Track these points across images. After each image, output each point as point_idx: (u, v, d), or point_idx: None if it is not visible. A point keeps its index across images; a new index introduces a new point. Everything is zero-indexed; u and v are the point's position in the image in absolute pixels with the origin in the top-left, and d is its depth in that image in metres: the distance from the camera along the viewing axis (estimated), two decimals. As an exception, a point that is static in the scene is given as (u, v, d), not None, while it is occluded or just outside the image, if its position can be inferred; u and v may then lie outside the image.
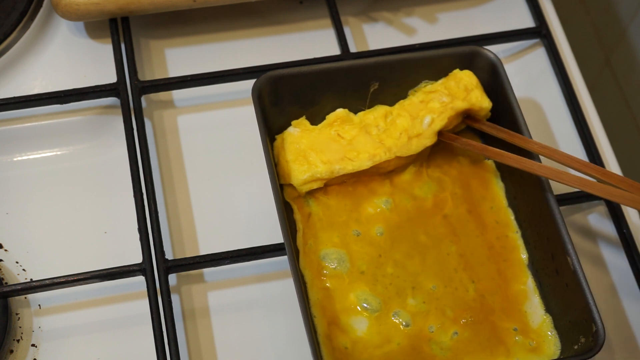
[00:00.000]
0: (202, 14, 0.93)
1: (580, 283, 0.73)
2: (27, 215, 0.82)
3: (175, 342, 0.74)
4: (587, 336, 0.72)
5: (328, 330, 0.73)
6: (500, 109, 0.81)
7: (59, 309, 0.78)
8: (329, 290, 0.75)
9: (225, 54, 0.91)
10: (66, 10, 0.87)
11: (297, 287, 0.70)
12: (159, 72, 0.90)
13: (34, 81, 0.88)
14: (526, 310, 0.76)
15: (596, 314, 0.71)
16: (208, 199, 0.83)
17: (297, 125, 0.80)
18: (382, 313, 0.75)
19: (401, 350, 0.73)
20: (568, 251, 0.74)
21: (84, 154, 0.85)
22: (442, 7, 0.96)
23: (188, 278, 0.80)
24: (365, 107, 0.83)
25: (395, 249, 0.77)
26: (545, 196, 0.76)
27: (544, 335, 0.75)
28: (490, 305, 0.76)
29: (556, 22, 0.96)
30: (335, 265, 0.76)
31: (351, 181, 0.80)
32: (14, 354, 0.75)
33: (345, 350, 0.73)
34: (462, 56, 0.82)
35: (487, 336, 0.75)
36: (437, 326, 0.74)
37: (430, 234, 0.79)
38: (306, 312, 0.69)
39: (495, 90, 0.82)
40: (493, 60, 0.82)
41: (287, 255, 0.72)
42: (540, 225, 0.77)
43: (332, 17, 0.92)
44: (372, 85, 0.82)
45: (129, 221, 0.80)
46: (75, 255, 0.80)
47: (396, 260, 0.77)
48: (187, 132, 0.87)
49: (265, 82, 0.79)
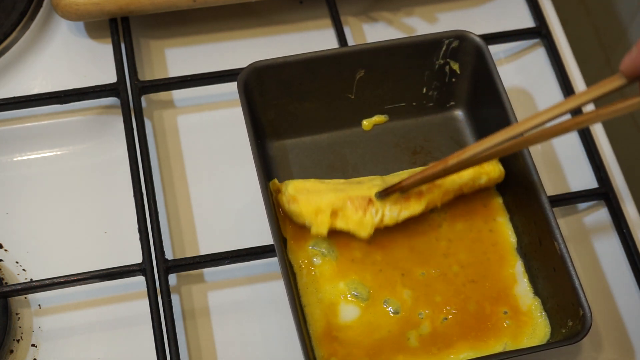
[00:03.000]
0: (202, 14, 0.93)
1: (567, 267, 0.74)
2: (27, 215, 0.82)
3: (175, 342, 0.74)
4: (574, 320, 0.72)
5: (320, 322, 0.73)
6: (486, 93, 0.82)
7: (59, 309, 0.78)
8: (319, 278, 0.75)
9: (225, 54, 0.91)
10: (66, 10, 0.87)
11: (284, 273, 0.71)
12: (159, 72, 0.90)
13: (34, 81, 0.88)
14: (516, 293, 0.77)
15: (583, 297, 0.72)
16: (208, 199, 0.83)
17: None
18: (372, 302, 0.75)
19: (391, 337, 0.74)
20: (555, 236, 0.74)
21: (84, 154, 0.85)
22: (442, 7, 0.96)
23: (188, 278, 0.80)
24: (352, 94, 0.83)
25: (384, 236, 0.77)
26: (532, 180, 0.76)
27: (534, 319, 0.76)
28: (480, 289, 0.76)
29: (556, 22, 0.96)
30: (325, 252, 0.76)
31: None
32: (14, 354, 0.75)
33: (335, 338, 0.73)
34: (448, 40, 0.82)
35: (477, 320, 0.75)
36: (427, 312, 0.75)
37: (418, 220, 0.78)
38: (294, 300, 0.70)
39: (481, 73, 0.82)
40: (479, 44, 0.82)
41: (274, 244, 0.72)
42: (527, 210, 0.78)
43: (332, 17, 0.92)
44: (358, 72, 0.82)
45: (129, 221, 0.80)
46: (75, 255, 0.80)
47: (385, 247, 0.77)
48: (187, 132, 0.87)
49: (251, 73, 0.79)
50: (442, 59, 0.83)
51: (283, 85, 0.81)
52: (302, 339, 0.69)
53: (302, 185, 0.77)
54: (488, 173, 0.79)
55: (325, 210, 0.75)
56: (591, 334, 0.80)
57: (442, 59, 0.83)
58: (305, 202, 0.76)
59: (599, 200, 0.86)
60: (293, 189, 0.76)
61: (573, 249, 0.82)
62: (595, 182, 0.87)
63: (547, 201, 0.76)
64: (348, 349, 0.73)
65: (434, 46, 0.83)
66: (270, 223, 0.73)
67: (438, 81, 0.85)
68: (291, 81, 0.81)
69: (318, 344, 0.72)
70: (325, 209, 0.75)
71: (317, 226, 0.75)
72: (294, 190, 0.76)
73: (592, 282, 0.82)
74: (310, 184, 0.77)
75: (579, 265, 0.82)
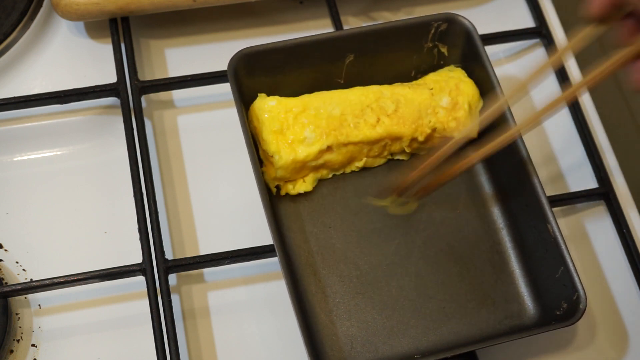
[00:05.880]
0: (202, 14, 0.93)
1: (560, 250, 0.75)
2: (27, 215, 0.82)
3: (175, 342, 0.74)
4: (569, 302, 0.73)
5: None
6: (475, 76, 0.83)
7: (59, 309, 0.78)
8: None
9: (225, 54, 0.91)
10: (66, 10, 0.87)
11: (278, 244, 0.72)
12: (159, 72, 0.90)
13: (34, 81, 0.88)
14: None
15: (577, 279, 0.73)
16: (208, 199, 0.83)
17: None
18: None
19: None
20: (548, 219, 0.75)
21: (84, 154, 0.85)
22: (442, 7, 0.96)
23: (188, 278, 0.80)
24: (342, 79, 0.83)
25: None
26: (525, 166, 0.77)
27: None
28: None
29: (556, 22, 0.96)
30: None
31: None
32: (14, 354, 0.75)
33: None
34: (436, 23, 0.82)
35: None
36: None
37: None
38: (296, 299, 0.71)
39: (470, 57, 0.83)
40: (467, 27, 0.82)
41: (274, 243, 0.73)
42: (520, 192, 0.78)
43: (332, 17, 0.92)
44: (347, 57, 0.82)
45: (129, 221, 0.80)
46: (75, 255, 0.80)
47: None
48: (187, 132, 0.87)
49: (240, 59, 0.79)
50: (430, 42, 0.84)
51: (273, 71, 0.81)
52: (306, 339, 0.69)
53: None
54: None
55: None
56: (590, 331, 0.80)
57: (431, 42, 0.84)
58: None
59: (599, 200, 0.86)
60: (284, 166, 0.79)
61: (573, 249, 0.82)
62: (595, 182, 0.87)
63: (539, 184, 0.76)
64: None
65: (422, 29, 0.83)
66: (269, 222, 0.73)
67: (426, 64, 0.85)
68: (281, 67, 0.81)
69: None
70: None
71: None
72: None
73: (592, 282, 0.82)
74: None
75: (579, 265, 0.82)
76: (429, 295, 0.78)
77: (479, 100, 0.83)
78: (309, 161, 0.79)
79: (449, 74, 0.83)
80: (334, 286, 0.78)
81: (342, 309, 0.77)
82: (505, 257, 0.80)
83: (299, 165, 0.79)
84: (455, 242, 0.80)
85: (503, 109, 0.77)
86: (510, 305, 0.78)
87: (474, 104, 0.82)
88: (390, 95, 0.81)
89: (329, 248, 0.79)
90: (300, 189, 0.80)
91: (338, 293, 0.77)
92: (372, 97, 0.81)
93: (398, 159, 0.83)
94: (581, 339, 0.80)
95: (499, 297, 0.78)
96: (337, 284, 0.78)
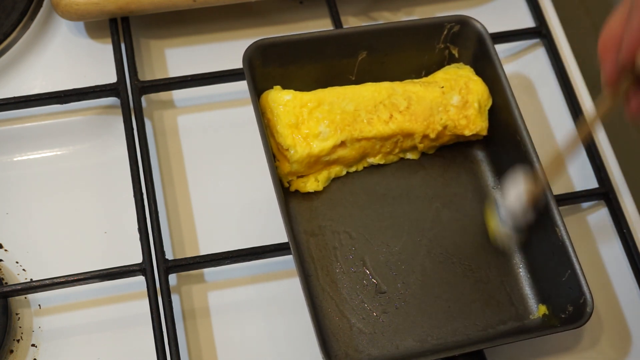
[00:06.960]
0: (202, 14, 0.93)
1: (568, 254, 0.75)
2: (27, 215, 0.82)
3: (175, 342, 0.74)
4: (575, 305, 0.73)
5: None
6: (487, 80, 0.83)
7: (59, 309, 0.78)
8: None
9: (225, 54, 0.91)
10: (66, 10, 0.87)
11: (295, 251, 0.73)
12: (159, 72, 0.90)
13: (34, 81, 0.88)
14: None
15: (584, 283, 0.73)
16: (208, 199, 0.83)
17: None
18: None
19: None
20: (556, 222, 0.75)
21: (84, 154, 0.85)
22: (442, 7, 0.96)
23: (188, 278, 0.80)
24: (353, 75, 0.83)
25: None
26: (532, 162, 0.78)
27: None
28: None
29: (556, 22, 0.96)
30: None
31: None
32: (14, 354, 0.75)
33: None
34: (449, 25, 0.83)
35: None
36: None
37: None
38: (309, 297, 0.71)
39: (482, 60, 0.83)
40: (480, 31, 0.82)
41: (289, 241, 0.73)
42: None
43: (332, 17, 0.92)
44: (360, 54, 0.83)
45: (129, 221, 0.80)
46: (75, 255, 0.80)
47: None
48: (187, 132, 0.87)
49: (255, 50, 0.79)
50: (442, 43, 0.84)
51: (286, 64, 0.81)
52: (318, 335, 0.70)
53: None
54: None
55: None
56: (592, 331, 0.80)
57: (443, 43, 0.84)
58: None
59: (599, 200, 0.86)
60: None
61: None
62: (595, 182, 0.87)
63: (548, 187, 0.76)
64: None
65: (435, 30, 0.83)
66: (283, 217, 0.74)
67: (436, 65, 0.85)
68: (294, 60, 0.81)
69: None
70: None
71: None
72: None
73: (592, 282, 0.82)
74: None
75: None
76: (435, 294, 0.78)
77: (488, 98, 0.83)
78: (323, 156, 0.79)
79: (458, 71, 0.84)
80: (339, 283, 0.78)
81: (348, 305, 0.77)
82: (511, 258, 0.80)
83: (313, 160, 0.79)
84: (462, 242, 0.80)
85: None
86: (515, 307, 0.78)
87: (483, 102, 0.82)
88: (402, 92, 0.81)
89: (336, 244, 0.79)
90: (311, 187, 0.80)
91: (344, 290, 0.77)
92: (384, 93, 0.81)
93: (409, 158, 0.83)
94: (584, 340, 0.80)
95: (504, 298, 0.78)
96: (343, 280, 0.78)
